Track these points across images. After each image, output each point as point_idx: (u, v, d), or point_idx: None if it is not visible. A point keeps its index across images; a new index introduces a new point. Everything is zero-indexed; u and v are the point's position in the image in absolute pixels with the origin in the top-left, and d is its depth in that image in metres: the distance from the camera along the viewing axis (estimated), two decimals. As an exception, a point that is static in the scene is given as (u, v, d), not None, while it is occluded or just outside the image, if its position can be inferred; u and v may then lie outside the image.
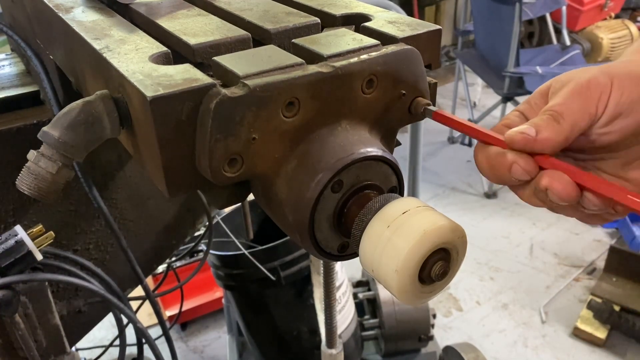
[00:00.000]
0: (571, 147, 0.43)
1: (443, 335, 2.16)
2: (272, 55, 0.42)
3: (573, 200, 0.39)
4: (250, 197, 0.47)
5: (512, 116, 0.46)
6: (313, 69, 0.41)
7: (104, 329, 2.13)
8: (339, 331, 1.08)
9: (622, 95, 0.41)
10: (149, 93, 0.37)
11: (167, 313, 2.13)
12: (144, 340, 0.81)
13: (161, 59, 0.45)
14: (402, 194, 0.45)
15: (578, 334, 2.10)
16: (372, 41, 0.45)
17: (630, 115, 0.41)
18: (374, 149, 0.42)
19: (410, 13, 3.88)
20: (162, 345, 0.83)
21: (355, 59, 0.42)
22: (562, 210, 0.44)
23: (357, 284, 1.91)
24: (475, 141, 0.45)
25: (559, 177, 0.39)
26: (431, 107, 0.46)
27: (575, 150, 0.44)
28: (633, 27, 3.77)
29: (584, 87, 0.42)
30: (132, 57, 0.44)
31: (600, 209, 0.40)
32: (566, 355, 2.05)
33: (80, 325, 0.89)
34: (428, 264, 0.37)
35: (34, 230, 0.65)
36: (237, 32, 0.48)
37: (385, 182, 0.44)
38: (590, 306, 2.12)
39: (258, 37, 0.49)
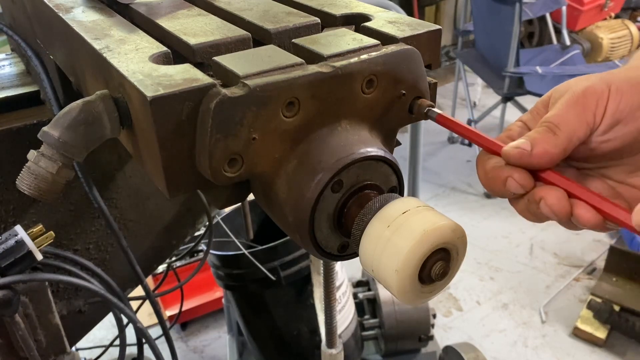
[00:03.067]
0: (573, 156, 0.43)
1: (443, 335, 2.16)
2: (272, 55, 0.42)
3: (564, 216, 0.39)
4: (250, 197, 0.47)
5: (515, 127, 0.46)
6: (313, 69, 0.41)
7: (104, 329, 2.13)
8: (339, 331, 1.08)
9: (620, 102, 0.40)
10: (149, 93, 0.37)
11: (167, 313, 2.13)
12: (144, 340, 0.81)
13: (161, 59, 0.45)
14: (402, 194, 0.45)
15: (578, 334, 2.10)
16: (372, 41, 0.45)
17: (630, 122, 0.41)
18: (374, 149, 0.42)
19: (410, 13, 3.88)
20: (162, 345, 0.83)
21: (355, 59, 0.42)
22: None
23: (357, 284, 1.91)
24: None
25: (553, 192, 0.39)
26: (434, 110, 0.45)
27: (578, 159, 0.44)
28: (633, 27, 3.77)
29: (580, 96, 0.41)
30: (132, 57, 0.44)
31: (594, 225, 0.39)
32: (566, 355, 2.05)
33: (81, 325, 0.89)
34: (428, 264, 0.38)
35: (34, 230, 0.65)
36: (237, 32, 0.48)
37: (386, 182, 0.44)
38: (590, 306, 2.12)
39: (258, 37, 0.49)
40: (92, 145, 0.46)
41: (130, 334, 0.80)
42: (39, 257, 0.63)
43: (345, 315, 1.59)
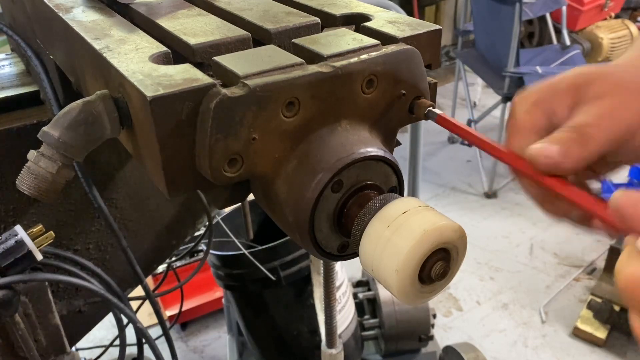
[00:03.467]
0: None
1: (443, 335, 2.16)
2: (272, 55, 0.42)
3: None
4: (250, 197, 0.47)
5: (523, 114, 0.42)
6: (313, 68, 0.41)
7: (104, 329, 2.12)
8: (339, 331, 1.08)
9: None
10: (149, 93, 0.37)
11: (167, 313, 2.13)
12: (144, 340, 0.81)
13: (161, 59, 0.45)
14: (402, 194, 0.45)
15: (578, 334, 2.10)
16: (372, 41, 0.45)
17: None
18: (374, 149, 0.42)
19: (410, 13, 3.88)
20: (162, 345, 0.83)
21: (355, 59, 0.42)
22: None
23: (357, 284, 1.91)
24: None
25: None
26: (435, 110, 0.45)
27: None
28: (633, 27, 3.77)
29: (618, 108, 0.39)
30: (132, 57, 0.44)
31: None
32: (566, 355, 2.05)
33: (80, 325, 0.89)
34: (428, 264, 0.37)
35: (34, 230, 0.64)
36: (237, 32, 0.48)
37: (386, 182, 0.44)
38: (590, 306, 2.12)
39: (258, 37, 0.49)
40: (92, 145, 0.46)
41: (130, 334, 0.80)
42: (39, 257, 0.63)
43: (345, 315, 1.59)
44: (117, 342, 0.84)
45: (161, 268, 1.85)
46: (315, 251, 0.43)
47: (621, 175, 2.38)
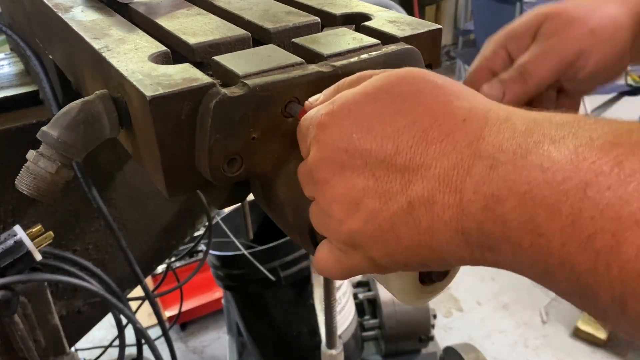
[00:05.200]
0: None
1: (443, 335, 2.16)
2: (272, 55, 0.42)
3: None
4: (250, 197, 0.47)
5: (487, 55, 0.49)
6: (313, 68, 0.41)
7: (104, 329, 2.12)
8: (339, 331, 1.08)
9: (600, 57, 0.44)
10: (149, 93, 0.37)
11: (167, 313, 2.13)
12: (143, 341, 0.81)
13: (161, 59, 0.45)
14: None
15: (579, 334, 2.10)
16: (372, 40, 0.45)
17: (608, 71, 0.46)
18: (375, 149, 0.41)
19: (410, 12, 3.88)
20: (161, 346, 0.83)
21: (355, 59, 0.42)
22: None
23: (357, 284, 1.91)
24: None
25: None
26: None
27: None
28: (633, 27, 3.76)
29: (561, 50, 0.45)
30: (132, 56, 0.44)
31: None
32: (567, 355, 2.05)
33: (80, 326, 0.89)
34: (429, 265, 0.37)
35: (33, 230, 0.64)
36: (237, 31, 0.48)
37: (386, 182, 0.43)
38: (590, 306, 2.12)
39: (258, 36, 0.49)
40: (91, 145, 0.46)
41: (130, 335, 0.80)
42: (38, 257, 0.63)
43: (346, 316, 1.59)
44: (117, 342, 0.83)
45: (160, 268, 1.85)
46: (315, 251, 0.42)
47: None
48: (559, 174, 0.24)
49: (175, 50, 0.47)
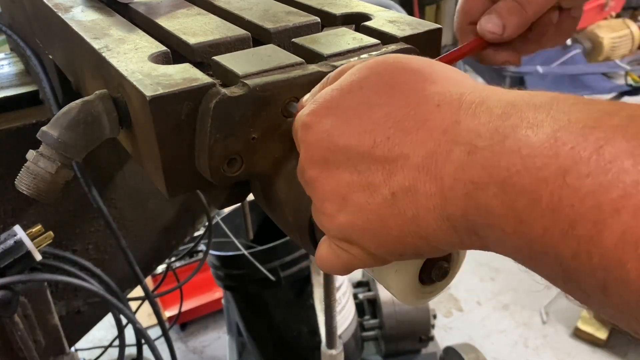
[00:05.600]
0: None
1: (443, 335, 2.16)
2: (272, 55, 0.42)
3: None
4: (250, 197, 0.47)
5: None
6: (313, 68, 0.41)
7: (104, 329, 2.12)
8: (339, 332, 1.08)
9: None
10: (149, 92, 0.37)
11: (167, 313, 2.13)
12: (143, 341, 0.81)
13: (160, 59, 0.45)
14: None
15: (579, 335, 2.09)
16: (372, 40, 0.45)
17: None
18: (375, 149, 0.41)
19: (410, 12, 3.88)
20: (161, 346, 0.83)
21: (355, 59, 0.42)
22: None
23: (357, 284, 1.91)
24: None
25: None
26: None
27: None
28: (634, 27, 3.76)
29: None
30: (132, 56, 0.44)
31: None
32: (567, 355, 2.05)
33: (80, 326, 0.89)
34: (428, 264, 0.37)
35: (33, 230, 0.64)
36: (237, 31, 0.48)
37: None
38: (590, 306, 2.11)
39: (258, 36, 0.49)
40: (91, 145, 0.46)
41: (130, 335, 0.80)
42: (38, 257, 0.63)
43: (345, 316, 1.59)
44: (117, 342, 0.83)
45: (160, 268, 1.85)
46: (315, 251, 0.42)
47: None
48: (538, 160, 0.23)
49: (175, 50, 0.47)
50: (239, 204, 0.95)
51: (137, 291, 0.90)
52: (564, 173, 0.22)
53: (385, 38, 0.46)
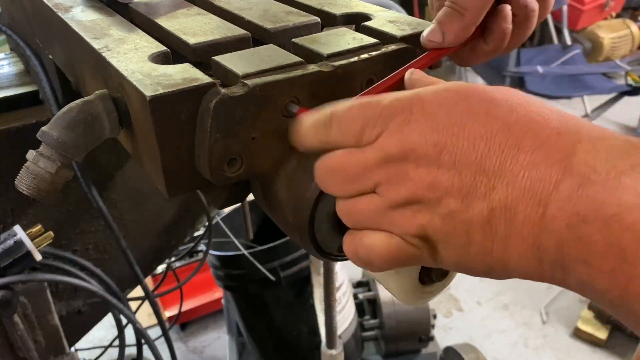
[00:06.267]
0: None
1: (444, 335, 2.16)
2: (272, 55, 0.42)
3: None
4: (250, 197, 0.47)
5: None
6: (313, 68, 0.41)
7: (103, 329, 2.12)
8: (339, 332, 1.08)
9: None
10: (149, 92, 0.37)
11: (167, 313, 2.13)
12: (143, 341, 0.81)
13: (160, 59, 0.45)
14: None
15: (579, 335, 2.09)
16: (372, 40, 0.45)
17: None
18: (375, 149, 0.41)
19: (410, 12, 3.88)
20: (161, 346, 0.83)
21: (355, 59, 0.42)
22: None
23: (357, 285, 1.91)
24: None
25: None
26: None
27: None
28: (634, 27, 3.77)
29: None
30: (132, 56, 0.44)
31: None
32: (567, 355, 2.05)
33: (80, 326, 0.89)
34: (429, 265, 0.37)
35: (33, 230, 0.64)
36: (237, 31, 0.48)
37: (386, 182, 0.43)
38: (591, 306, 2.12)
39: (258, 36, 0.49)
40: (91, 145, 0.46)
41: (130, 335, 0.80)
42: (38, 257, 0.63)
43: (345, 316, 1.59)
44: (117, 342, 0.83)
45: (160, 268, 1.85)
46: (315, 252, 0.42)
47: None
48: None
49: (175, 51, 0.47)
50: (239, 204, 0.95)
51: (137, 291, 0.90)
52: None
53: (385, 38, 0.46)
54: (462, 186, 0.29)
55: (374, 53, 0.43)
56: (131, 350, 0.86)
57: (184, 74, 0.40)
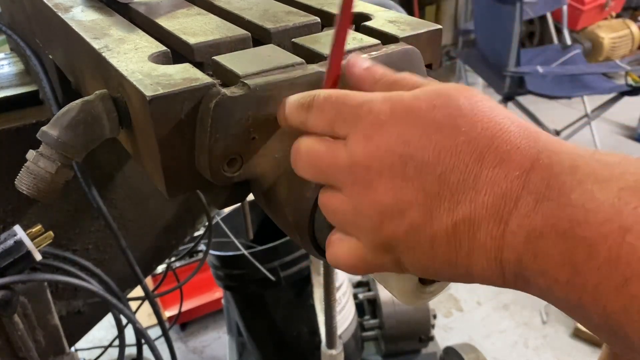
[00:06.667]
0: None
1: (444, 335, 2.16)
2: (272, 55, 0.42)
3: None
4: (250, 197, 0.47)
5: None
6: (313, 68, 0.41)
7: (103, 329, 2.12)
8: (339, 332, 1.08)
9: None
10: (149, 92, 0.37)
11: (167, 313, 2.13)
12: (143, 341, 0.81)
13: (161, 59, 0.45)
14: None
15: (579, 335, 2.10)
16: (372, 40, 0.45)
17: None
18: (375, 149, 0.41)
19: (410, 12, 3.88)
20: (161, 346, 0.83)
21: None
22: None
23: (357, 285, 1.91)
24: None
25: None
26: None
27: None
28: (634, 27, 3.77)
29: None
30: (132, 56, 0.44)
31: None
32: (567, 355, 2.05)
33: (80, 326, 0.89)
34: (429, 265, 0.37)
35: (33, 230, 0.64)
36: (237, 31, 0.48)
37: (386, 182, 0.43)
38: (590, 306, 2.12)
39: (258, 36, 0.49)
40: (91, 145, 0.46)
41: (130, 335, 0.80)
42: (38, 257, 0.63)
43: (346, 316, 1.59)
44: (117, 342, 0.83)
45: (160, 268, 1.85)
46: (315, 252, 0.42)
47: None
48: (600, 216, 0.24)
49: (175, 50, 0.47)
50: (239, 204, 0.95)
51: (137, 291, 0.90)
52: (624, 232, 0.23)
53: (385, 38, 0.46)
54: (426, 200, 0.29)
55: (374, 53, 0.43)
56: (131, 350, 0.86)
57: (184, 74, 0.40)
